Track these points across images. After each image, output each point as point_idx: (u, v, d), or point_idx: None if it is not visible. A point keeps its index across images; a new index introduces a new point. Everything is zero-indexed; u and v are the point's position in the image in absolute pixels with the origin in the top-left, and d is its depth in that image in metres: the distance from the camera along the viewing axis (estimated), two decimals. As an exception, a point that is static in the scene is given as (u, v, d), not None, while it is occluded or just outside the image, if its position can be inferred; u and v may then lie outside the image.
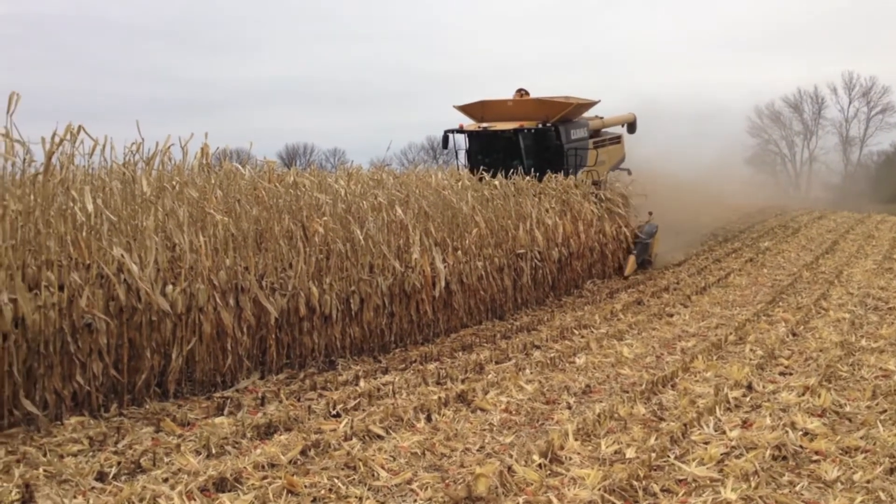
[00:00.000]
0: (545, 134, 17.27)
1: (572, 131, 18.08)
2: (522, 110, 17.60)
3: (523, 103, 17.91)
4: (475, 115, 18.09)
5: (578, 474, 5.44)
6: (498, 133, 17.38)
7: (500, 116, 17.58)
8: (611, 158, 20.31)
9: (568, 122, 17.91)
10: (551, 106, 17.52)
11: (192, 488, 5.09)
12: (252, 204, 9.18)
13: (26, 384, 6.47)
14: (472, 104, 18.10)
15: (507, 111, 17.69)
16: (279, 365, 8.77)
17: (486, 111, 17.93)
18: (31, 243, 6.98)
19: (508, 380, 8.22)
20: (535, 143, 17.38)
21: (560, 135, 17.49)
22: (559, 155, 17.30)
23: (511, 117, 17.39)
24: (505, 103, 17.93)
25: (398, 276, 10.32)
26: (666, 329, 11.33)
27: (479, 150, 17.63)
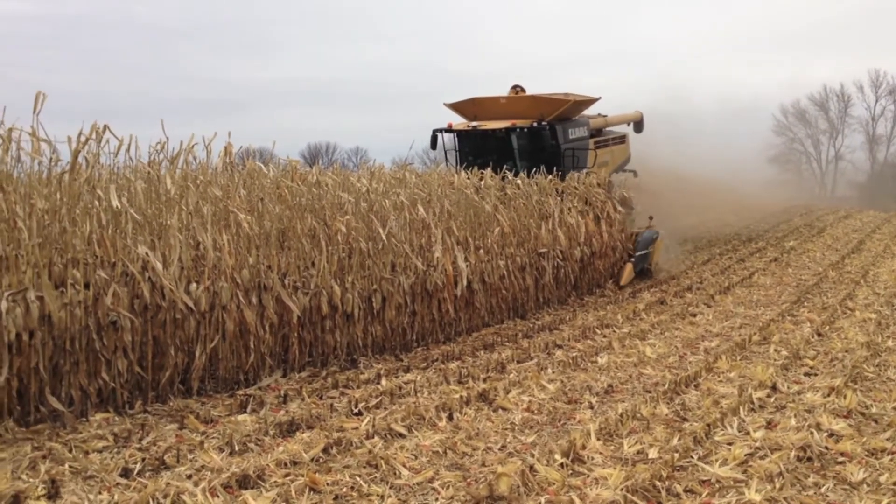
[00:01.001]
0: (540, 133, 16.19)
1: (570, 130, 17.04)
2: (516, 108, 16.59)
3: (517, 101, 16.94)
4: (467, 114, 17.08)
5: (601, 474, 5.41)
6: (489, 132, 16.36)
7: (493, 115, 16.56)
8: (614, 159, 19.32)
9: (566, 121, 16.89)
10: (547, 103, 16.49)
11: (215, 485, 5.13)
12: (275, 203, 9.23)
13: (52, 381, 6.54)
14: (463, 101, 17.09)
15: (501, 109, 16.63)
16: (301, 363, 8.81)
17: (478, 109, 16.89)
18: (57, 241, 7.06)
19: (530, 379, 8.20)
20: (530, 142, 16.37)
21: (556, 134, 16.42)
22: (556, 156, 16.15)
23: (504, 115, 16.35)
24: (498, 100, 16.87)
25: (420, 275, 10.33)
26: (689, 329, 11.25)
27: (470, 150, 16.67)
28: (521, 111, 16.39)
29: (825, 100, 65.45)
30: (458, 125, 16.67)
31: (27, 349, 6.31)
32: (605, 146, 18.76)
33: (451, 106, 17.17)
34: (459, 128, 16.59)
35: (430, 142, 17.03)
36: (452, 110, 17.18)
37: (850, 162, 65.53)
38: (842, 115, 65.76)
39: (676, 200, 23.39)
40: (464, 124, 16.63)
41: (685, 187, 23.66)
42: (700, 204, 25.92)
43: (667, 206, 22.09)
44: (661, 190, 21.73)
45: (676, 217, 20.69)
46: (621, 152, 19.87)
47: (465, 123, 16.66)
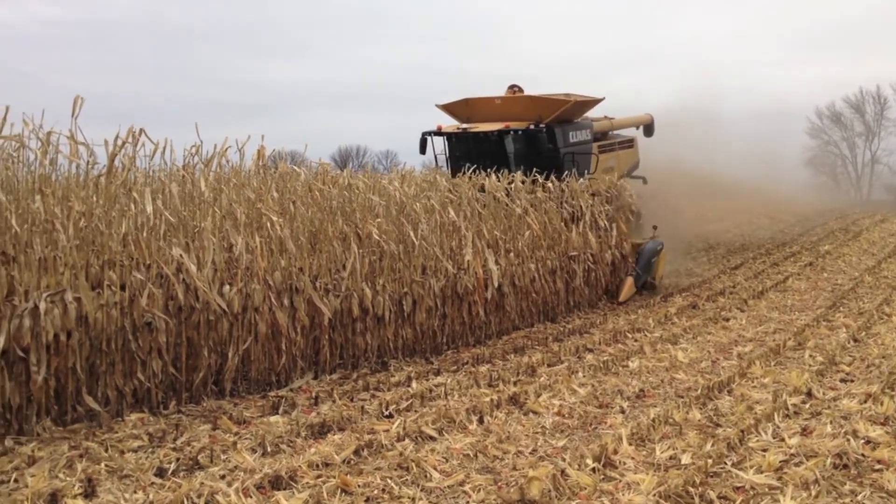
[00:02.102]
0: (536, 136, 15.03)
1: (571, 133, 15.97)
2: (513, 109, 15.46)
3: (513, 101, 15.77)
4: (460, 115, 16.10)
5: (633, 479, 5.38)
6: (480, 135, 15.28)
7: (488, 116, 15.50)
8: (621, 164, 17.99)
9: (566, 123, 15.84)
10: (546, 104, 15.42)
11: (248, 485, 5.18)
12: (307, 205, 9.30)
13: (89, 381, 6.65)
14: (455, 102, 16.07)
15: (496, 110, 15.55)
16: (332, 365, 8.85)
17: (471, 111, 15.89)
18: (93, 243, 7.18)
19: (561, 383, 8.17)
20: (526, 146, 15.23)
21: (555, 137, 15.33)
22: (554, 160, 14.97)
23: (500, 117, 15.27)
24: (492, 101, 15.78)
25: (451, 278, 10.34)
26: (722, 334, 11.13)
27: (462, 154, 15.43)
28: (518, 112, 15.38)
29: (861, 102, 64.48)
30: (448, 128, 15.68)
31: (65, 349, 6.42)
32: (611, 150, 17.81)
33: (443, 107, 16.28)
34: (449, 130, 15.59)
35: (418, 146, 15.89)
36: (445, 112, 16.29)
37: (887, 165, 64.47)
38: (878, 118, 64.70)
39: (707, 204, 23.21)
40: (454, 126, 15.67)
41: (717, 190, 23.45)
42: (732, 207, 25.68)
43: (697, 209, 21.92)
44: (692, 193, 21.55)
45: (709, 221, 20.50)
46: (629, 157, 18.84)
47: (455, 126, 15.71)
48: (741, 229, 24.85)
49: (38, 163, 7.46)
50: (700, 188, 22.12)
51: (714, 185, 22.81)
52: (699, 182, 22.07)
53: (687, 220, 20.81)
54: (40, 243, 6.68)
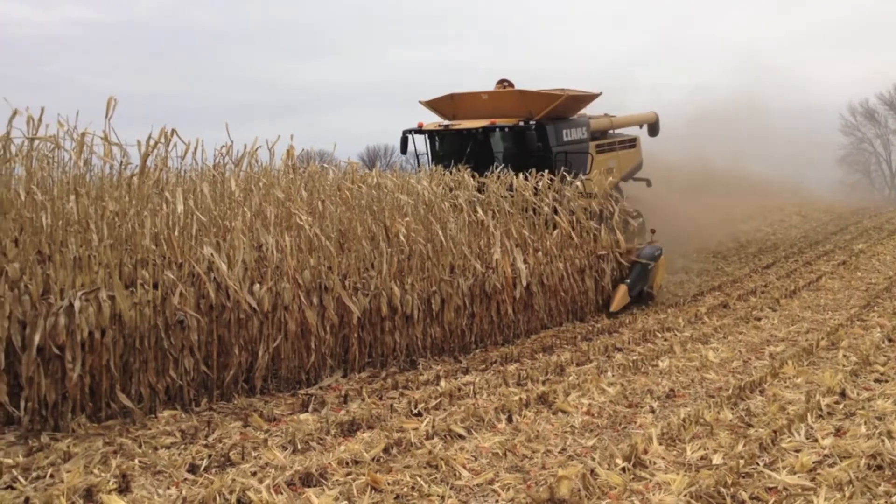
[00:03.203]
0: (524, 133, 14.10)
1: (565, 131, 15.00)
2: (501, 105, 14.57)
3: (501, 96, 14.87)
4: (445, 112, 15.21)
5: (663, 479, 5.34)
6: (464, 132, 14.37)
7: (475, 113, 14.59)
8: (622, 165, 17.13)
9: (559, 120, 14.89)
10: (536, 99, 14.51)
11: (279, 482, 5.22)
12: (335, 204, 9.35)
13: (123, 378, 6.74)
14: (440, 98, 15.18)
15: (482, 106, 14.61)
16: (361, 364, 8.89)
17: (457, 107, 15.00)
18: (126, 242, 7.28)
19: (590, 382, 8.13)
20: (515, 144, 14.36)
21: (547, 135, 14.40)
22: (546, 160, 13.99)
23: (487, 114, 14.34)
24: (479, 97, 14.89)
25: (479, 277, 10.34)
26: (753, 333, 11.01)
27: (445, 153, 14.52)
28: (507, 108, 14.48)
29: (895, 99, 63.37)
30: (430, 125, 14.86)
31: (99, 347, 6.51)
32: (611, 150, 16.88)
33: (427, 104, 15.41)
34: (430, 128, 14.76)
35: (399, 145, 15.08)
36: (429, 108, 15.44)
37: (922, 163, 63.34)
38: (913, 115, 63.54)
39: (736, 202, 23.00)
40: (435, 124, 14.88)
41: (746, 188, 23.23)
42: (764, 205, 25.43)
43: (725, 207, 21.73)
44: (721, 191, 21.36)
45: (740, 219, 20.30)
46: (630, 157, 17.77)
47: (437, 123, 14.92)
48: (773, 227, 24.59)
49: (72, 163, 7.60)
50: (729, 186, 21.93)
51: (743, 182, 22.59)
52: (728, 179, 21.87)
53: (716, 218, 20.65)
54: (75, 242, 6.79)
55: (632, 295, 13.20)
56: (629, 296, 13.09)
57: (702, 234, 19.16)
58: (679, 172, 20.55)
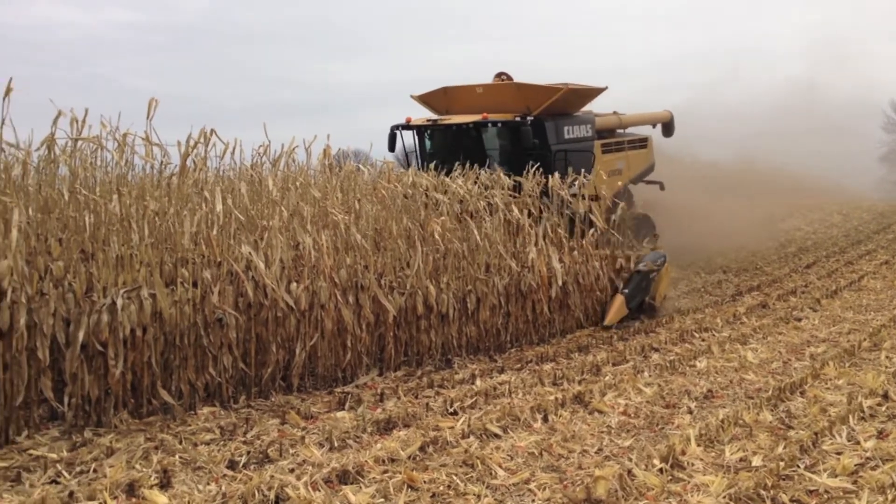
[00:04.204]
0: (519, 129, 13.11)
1: (566, 128, 14.08)
2: (496, 99, 13.67)
3: (497, 90, 13.98)
4: (438, 107, 14.46)
5: (702, 481, 5.30)
6: (454, 128, 13.55)
7: (469, 107, 13.73)
8: (631, 166, 16.20)
9: (560, 117, 14.00)
10: (534, 93, 13.61)
11: (316, 479, 5.27)
12: (372, 203, 9.40)
13: (163, 375, 6.84)
14: (432, 92, 14.43)
15: (477, 101, 13.75)
16: (397, 362, 8.93)
17: (450, 101, 14.24)
18: (167, 241, 7.39)
19: (626, 382, 8.08)
20: (510, 141, 13.52)
21: (545, 131, 13.48)
22: (544, 158, 12.98)
23: (482, 108, 13.40)
24: (473, 90, 14.03)
25: (514, 276, 10.33)
26: (793, 334, 10.85)
27: (435, 151, 13.93)
28: (503, 103, 13.58)
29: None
30: (417, 120, 14.08)
31: (140, 344, 6.62)
32: (619, 150, 15.95)
33: (419, 98, 14.67)
34: (419, 123, 13.97)
35: (387, 141, 14.20)
36: (420, 103, 14.69)
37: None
38: (958, 111, 62.05)
39: (778, 201, 22.67)
40: (423, 119, 14.11)
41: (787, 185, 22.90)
42: (805, 204, 25.05)
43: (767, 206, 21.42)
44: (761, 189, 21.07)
45: (780, 218, 19.99)
46: (640, 159, 16.76)
47: (425, 118, 14.16)
48: (813, 227, 24.20)
49: (114, 163, 7.74)
50: (770, 184, 21.64)
51: (785, 181, 22.26)
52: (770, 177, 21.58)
53: (755, 217, 20.39)
54: (117, 241, 6.91)
55: (630, 307, 11.94)
56: (627, 307, 11.86)
57: (740, 233, 18.92)
58: (719, 170, 20.30)
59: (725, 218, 18.34)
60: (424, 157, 14.01)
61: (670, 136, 18.31)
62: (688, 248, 17.12)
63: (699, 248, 17.28)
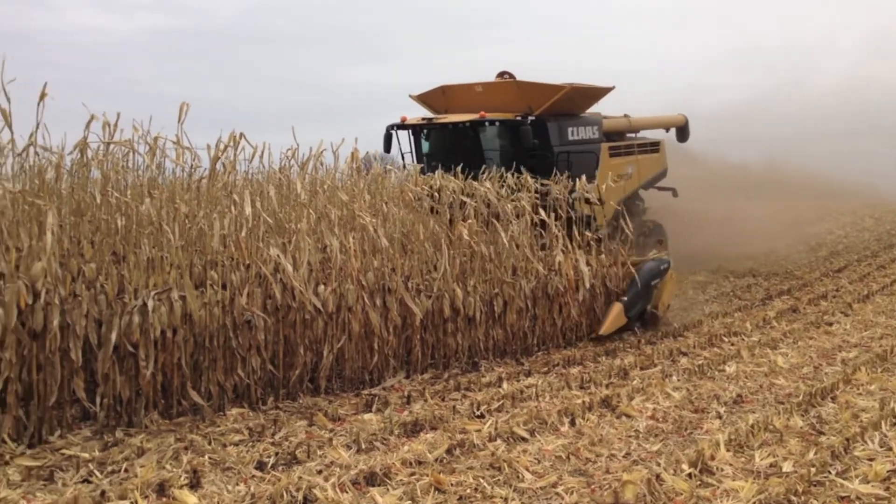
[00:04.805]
0: (518, 129, 12.65)
1: (570, 129, 13.62)
2: (497, 98, 13.20)
3: (497, 89, 13.48)
4: (437, 107, 14.04)
5: (731, 486, 5.25)
6: (449, 127, 13.12)
7: (468, 107, 13.20)
8: (642, 171, 15.55)
9: (564, 117, 13.53)
10: (536, 92, 13.12)
11: (344, 481, 5.29)
12: (399, 207, 9.43)
13: (193, 376, 6.91)
14: (431, 91, 14.05)
15: (477, 100, 13.28)
16: (424, 365, 8.94)
17: (449, 101, 13.82)
18: (196, 243, 7.47)
19: (654, 386, 8.03)
20: (511, 142, 13.00)
21: (547, 132, 13.03)
22: (545, 160, 12.66)
23: (482, 108, 12.88)
24: (472, 89, 13.61)
25: (541, 279, 10.30)
26: (824, 338, 10.71)
27: (432, 151, 13.58)
28: (504, 102, 13.11)
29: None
30: (413, 119, 13.60)
31: (171, 345, 6.69)
32: (629, 154, 15.34)
33: (417, 98, 14.25)
34: (414, 122, 13.50)
35: (383, 142, 13.75)
36: (419, 103, 14.26)
37: None
38: None
39: (807, 204, 22.40)
40: (419, 118, 13.66)
41: (816, 189, 22.63)
42: (834, 208, 24.74)
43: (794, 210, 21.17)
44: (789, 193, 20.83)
45: (810, 222, 19.73)
46: (652, 163, 16.10)
47: (420, 117, 13.70)
48: (844, 230, 23.87)
49: (145, 167, 7.84)
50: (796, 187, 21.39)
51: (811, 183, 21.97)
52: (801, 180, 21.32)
53: (785, 221, 20.17)
54: (148, 244, 7.00)
55: (629, 316, 11.22)
56: (626, 316, 11.16)
57: (769, 237, 18.72)
58: (747, 173, 20.09)
59: (753, 221, 18.15)
60: (421, 158, 13.66)
61: (685, 141, 17.74)
62: (715, 251, 16.99)
63: (726, 252, 17.13)
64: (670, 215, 16.39)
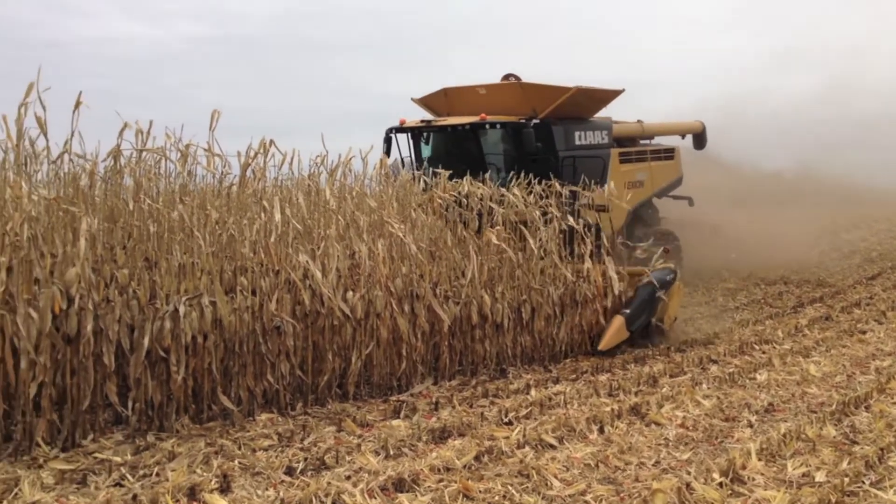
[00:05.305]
0: (520, 132, 12.28)
1: (577, 133, 13.21)
2: (501, 101, 12.82)
3: (501, 91, 13.10)
4: (439, 110, 13.79)
5: (763, 496, 5.19)
6: (448, 130, 12.77)
7: (471, 110, 12.87)
8: (655, 179, 15.16)
9: (571, 121, 13.15)
10: (541, 94, 12.71)
11: (372, 487, 5.30)
12: (427, 213, 9.45)
13: (223, 381, 6.96)
14: (433, 94, 13.78)
15: (480, 102, 12.93)
16: (451, 371, 8.95)
17: (451, 103, 13.51)
18: (226, 250, 7.54)
19: (684, 394, 7.96)
20: (514, 146, 12.53)
21: (552, 135, 12.61)
22: (549, 164, 12.16)
23: (485, 111, 12.55)
24: (476, 91, 13.24)
25: (570, 286, 10.26)
26: (858, 347, 10.56)
27: (433, 154, 13.20)
28: (508, 105, 12.74)
29: None
30: (412, 122, 13.26)
31: (201, 350, 6.75)
32: (641, 160, 14.98)
33: (419, 101, 14.05)
34: (413, 125, 13.16)
35: (382, 145, 13.27)
36: (421, 106, 14.06)
37: None
38: None
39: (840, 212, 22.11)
40: (418, 120, 13.33)
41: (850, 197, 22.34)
42: (868, 215, 24.39)
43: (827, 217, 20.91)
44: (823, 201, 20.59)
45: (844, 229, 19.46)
46: (666, 171, 15.69)
47: (419, 119, 13.40)
48: (878, 237, 23.49)
49: (176, 173, 7.93)
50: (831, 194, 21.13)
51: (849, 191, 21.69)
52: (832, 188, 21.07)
53: (818, 228, 19.94)
54: (179, 250, 7.08)
55: (631, 329, 10.50)
56: (627, 330, 10.45)
57: (802, 244, 18.50)
58: (780, 180, 19.88)
59: (785, 229, 17.95)
60: (420, 163, 13.23)
61: (702, 149, 17.35)
62: (745, 259, 16.83)
63: (756, 260, 16.96)
64: (699, 224, 16.26)
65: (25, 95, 6.06)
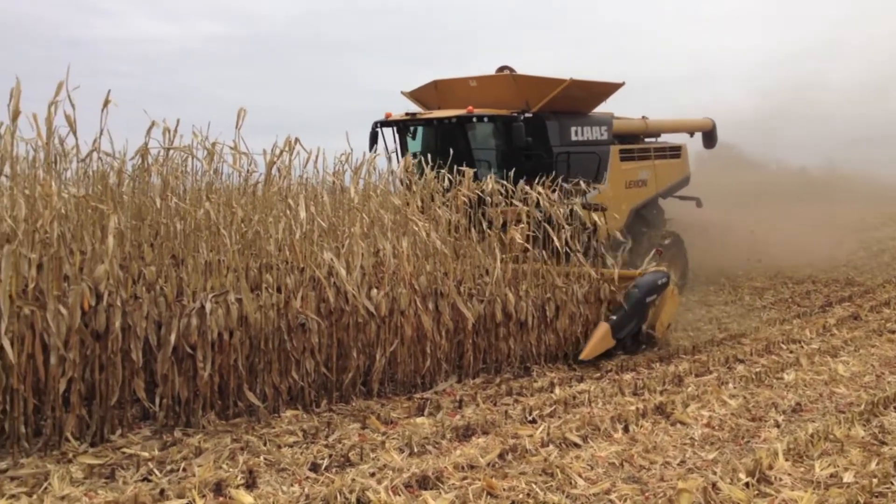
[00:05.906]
0: (510, 126, 11.67)
1: (574, 128, 12.57)
2: (492, 93, 12.25)
3: (493, 83, 12.52)
4: (430, 103, 13.16)
5: (790, 496, 5.14)
6: (434, 123, 12.26)
7: (462, 103, 12.19)
8: (660, 178, 14.49)
9: (567, 115, 12.53)
10: (534, 86, 12.10)
11: (397, 484, 5.32)
12: (451, 211, 9.45)
13: (249, 378, 7.01)
14: (423, 87, 13.21)
15: (471, 95, 12.35)
16: (475, 369, 8.95)
17: (442, 96, 12.93)
18: (252, 247, 7.59)
19: (710, 393, 7.91)
20: (504, 140, 11.95)
21: (546, 130, 12.04)
22: (542, 160, 11.69)
23: (476, 103, 11.97)
24: (466, 84, 12.65)
25: (594, 284, 10.22)
26: (887, 347, 10.41)
27: (420, 149, 12.38)
28: (500, 97, 12.16)
29: None
30: (397, 116, 12.66)
31: (227, 347, 6.80)
32: (643, 159, 14.29)
33: (409, 95, 13.43)
34: (399, 118, 12.57)
35: (368, 140, 12.71)
36: (411, 99, 13.42)
37: None
38: None
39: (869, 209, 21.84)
40: (403, 113, 12.70)
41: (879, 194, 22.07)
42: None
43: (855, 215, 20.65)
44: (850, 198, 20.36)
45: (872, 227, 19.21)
46: (672, 170, 15.02)
47: (405, 112, 12.75)
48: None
49: (203, 172, 8.00)
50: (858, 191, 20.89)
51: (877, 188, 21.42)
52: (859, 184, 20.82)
53: (846, 226, 19.70)
54: (206, 247, 7.14)
55: (617, 337, 9.98)
56: (613, 338, 9.93)
57: (829, 243, 18.28)
58: (806, 178, 19.67)
59: (811, 227, 17.76)
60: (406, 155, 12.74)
61: (712, 147, 16.82)
62: (770, 258, 16.68)
63: (781, 259, 16.80)
64: (719, 224, 16.11)
65: (56, 94, 6.12)
